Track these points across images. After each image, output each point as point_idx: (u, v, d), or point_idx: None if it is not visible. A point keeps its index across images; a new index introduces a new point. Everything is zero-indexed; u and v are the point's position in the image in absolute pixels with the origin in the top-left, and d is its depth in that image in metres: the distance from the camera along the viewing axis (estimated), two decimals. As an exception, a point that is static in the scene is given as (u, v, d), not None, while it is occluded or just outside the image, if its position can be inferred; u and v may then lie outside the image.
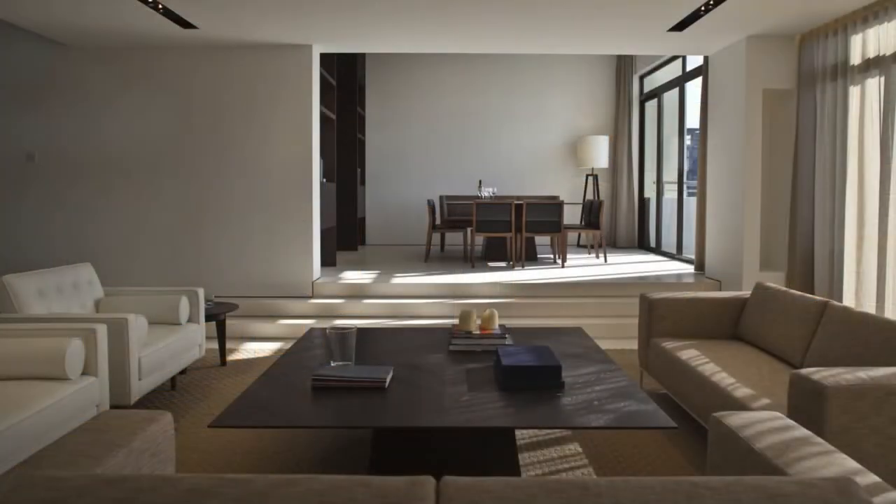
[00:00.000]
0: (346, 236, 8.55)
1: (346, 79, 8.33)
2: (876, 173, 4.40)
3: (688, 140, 7.91)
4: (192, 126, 5.98)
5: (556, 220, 7.13)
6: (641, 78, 9.41)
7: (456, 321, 3.65)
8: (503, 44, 6.05)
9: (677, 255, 7.98)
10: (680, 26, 5.21)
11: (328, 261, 7.10)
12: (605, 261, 7.71)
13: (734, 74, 5.86)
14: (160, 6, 4.66)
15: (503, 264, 7.39)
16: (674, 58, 7.88)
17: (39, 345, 2.83)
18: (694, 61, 7.34)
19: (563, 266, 7.15)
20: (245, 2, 4.63)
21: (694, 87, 7.42)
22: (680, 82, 7.81)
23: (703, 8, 4.72)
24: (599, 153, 9.26)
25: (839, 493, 1.07)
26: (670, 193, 8.46)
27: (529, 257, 7.70)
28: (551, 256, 8.02)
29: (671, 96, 8.28)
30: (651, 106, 9.16)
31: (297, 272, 5.98)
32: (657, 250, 8.76)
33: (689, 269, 7.03)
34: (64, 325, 3.02)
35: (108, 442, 1.66)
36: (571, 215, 9.22)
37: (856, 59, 4.60)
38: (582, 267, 7.23)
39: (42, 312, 3.47)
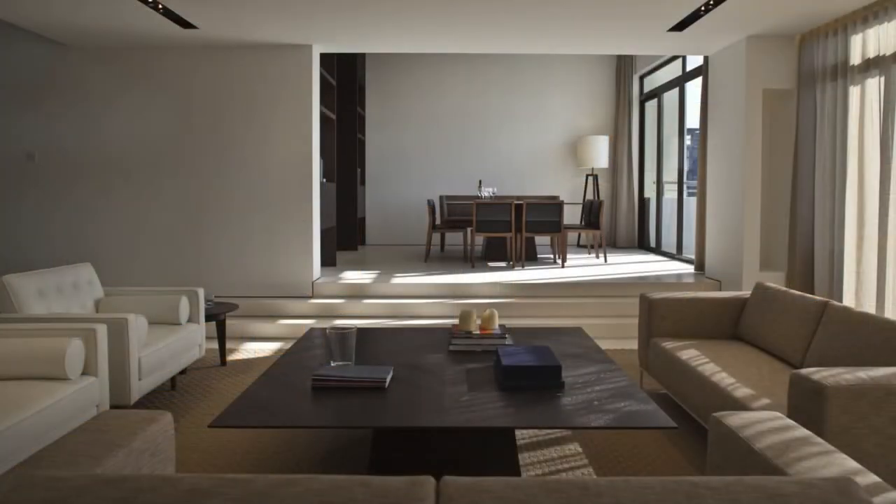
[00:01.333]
0: (346, 236, 8.55)
1: (346, 79, 8.33)
2: (876, 173, 4.40)
3: (688, 140, 7.91)
4: (192, 126, 5.98)
5: (556, 220, 7.13)
6: (641, 78, 9.41)
7: (456, 321, 3.65)
8: (503, 44, 6.05)
9: (677, 255, 7.98)
10: (680, 26, 5.21)
11: (328, 261, 7.10)
12: (605, 261, 7.71)
13: (734, 74, 5.86)
14: (160, 6, 4.66)
15: (503, 264, 7.39)
16: (674, 58, 7.87)
17: (39, 345, 2.83)
18: (694, 61, 7.34)
19: (563, 266, 7.15)
20: (245, 2, 4.63)
21: (694, 87, 7.42)
22: (680, 82, 7.81)
23: (703, 8, 4.72)
24: (599, 153, 9.25)
25: (839, 493, 1.07)
26: (670, 193, 8.46)
27: (529, 257, 7.70)
28: (551, 256, 8.02)
29: (671, 96, 8.27)
30: (651, 106, 9.16)
31: (297, 272, 5.98)
32: (657, 250, 8.76)
33: (689, 269, 7.03)
34: (64, 325, 3.02)
35: (108, 442, 1.66)
36: (571, 215, 9.22)
37: (856, 59, 4.60)
38: (582, 267, 7.23)
39: (42, 312, 3.47)
